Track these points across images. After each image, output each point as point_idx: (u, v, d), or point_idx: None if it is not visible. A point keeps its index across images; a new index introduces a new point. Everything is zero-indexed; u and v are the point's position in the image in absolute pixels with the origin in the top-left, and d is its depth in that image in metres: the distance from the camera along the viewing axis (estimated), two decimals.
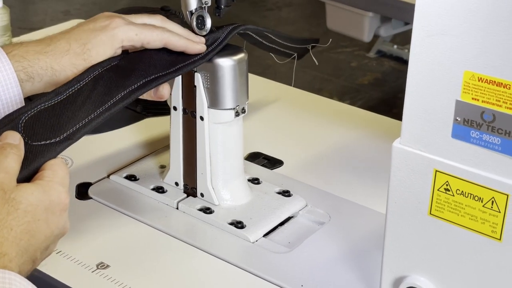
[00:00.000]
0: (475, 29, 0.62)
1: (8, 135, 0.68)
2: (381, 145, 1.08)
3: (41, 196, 0.64)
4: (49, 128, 0.72)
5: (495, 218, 0.66)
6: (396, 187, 0.71)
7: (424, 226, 0.71)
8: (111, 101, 0.77)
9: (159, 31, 0.83)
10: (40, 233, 0.64)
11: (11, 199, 0.63)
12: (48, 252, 0.67)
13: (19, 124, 0.71)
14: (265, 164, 1.04)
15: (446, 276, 0.71)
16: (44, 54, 0.79)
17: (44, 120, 0.73)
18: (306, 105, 1.23)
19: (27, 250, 0.63)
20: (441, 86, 0.66)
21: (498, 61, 0.62)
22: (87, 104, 0.76)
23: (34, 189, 0.65)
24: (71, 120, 0.74)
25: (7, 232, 0.61)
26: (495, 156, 0.65)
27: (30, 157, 0.68)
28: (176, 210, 0.93)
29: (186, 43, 0.84)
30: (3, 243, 0.61)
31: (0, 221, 0.61)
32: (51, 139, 0.71)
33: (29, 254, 0.63)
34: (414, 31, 0.66)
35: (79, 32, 0.81)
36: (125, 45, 0.82)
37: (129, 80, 0.80)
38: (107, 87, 0.78)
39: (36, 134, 0.71)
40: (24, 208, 0.63)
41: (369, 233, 0.89)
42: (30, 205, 0.63)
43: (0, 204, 0.62)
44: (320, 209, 0.94)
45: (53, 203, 0.65)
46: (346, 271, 0.83)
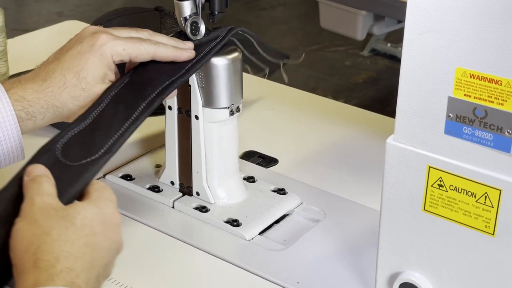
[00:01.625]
0: (466, 26, 0.63)
1: (33, 169, 0.67)
2: (376, 143, 1.08)
3: (94, 210, 0.64)
4: (86, 149, 0.73)
5: (488, 213, 0.67)
6: (390, 183, 0.72)
7: (418, 222, 0.71)
8: (135, 113, 0.77)
9: (146, 44, 0.82)
10: (100, 247, 0.63)
11: (66, 214, 0.62)
12: (107, 272, 0.65)
13: (56, 151, 0.72)
14: (260, 163, 1.04)
15: (440, 272, 0.71)
16: (43, 93, 0.77)
17: (78, 144, 0.73)
18: (300, 104, 1.23)
19: (92, 265, 0.61)
20: (433, 83, 0.66)
21: (489, 58, 0.63)
22: (114, 121, 0.77)
23: (86, 205, 0.65)
24: (104, 138, 0.75)
25: (70, 247, 0.60)
26: (487, 151, 0.65)
27: (76, 176, 0.69)
28: (172, 209, 0.94)
29: (174, 52, 0.83)
30: (68, 257, 0.59)
31: (60, 236, 0.60)
32: (91, 157, 0.72)
33: (94, 270, 0.61)
34: (406, 28, 0.66)
35: (70, 59, 0.79)
36: (115, 60, 0.80)
37: (146, 91, 0.80)
38: (128, 103, 0.79)
39: (75, 156, 0.72)
40: (81, 222, 0.62)
41: (364, 230, 0.90)
42: (86, 218, 0.63)
43: (57, 220, 0.61)
44: (315, 207, 0.94)
45: (107, 217, 0.64)
46: (342, 268, 0.84)
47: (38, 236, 0.60)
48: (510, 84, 0.62)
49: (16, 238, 0.61)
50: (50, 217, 0.62)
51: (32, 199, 0.63)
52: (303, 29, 3.53)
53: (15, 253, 0.61)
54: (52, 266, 0.59)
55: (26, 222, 0.61)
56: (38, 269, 0.58)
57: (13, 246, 0.61)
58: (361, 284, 0.81)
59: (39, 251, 0.59)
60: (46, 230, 0.61)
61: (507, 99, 0.63)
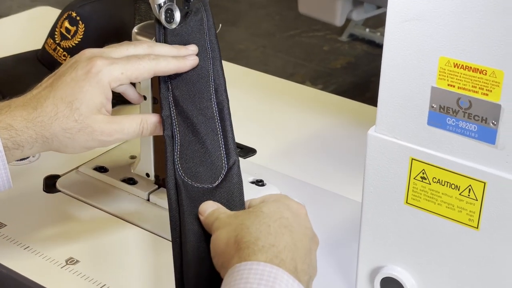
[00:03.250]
0: (450, 14, 0.61)
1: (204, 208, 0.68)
2: (355, 132, 1.07)
3: (276, 203, 0.65)
4: (206, 167, 0.74)
5: (472, 206, 0.65)
6: (371, 176, 0.70)
7: (400, 215, 0.69)
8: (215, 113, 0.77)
9: (145, 62, 0.76)
10: (296, 229, 0.63)
11: (252, 209, 0.64)
12: (314, 263, 0.64)
13: (187, 184, 0.72)
14: (238, 153, 1.02)
15: (423, 266, 0.70)
16: (32, 122, 0.72)
17: (193, 163, 0.74)
18: (279, 92, 1.21)
19: (295, 245, 0.61)
20: (416, 72, 0.64)
21: (473, 47, 0.61)
22: (201, 128, 0.76)
23: (266, 202, 0.66)
24: (210, 148, 0.75)
25: (267, 227, 0.61)
26: (471, 143, 0.64)
27: (228, 195, 0.71)
28: (147, 202, 0.91)
29: (177, 64, 0.78)
30: (268, 236, 0.60)
31: (254, 222, 0.62)
32: (222, 173, 0.73)
33: (299, 251, 0.61)
34: (389, 16, 0.65)
35: (63, 87, 0.73)
36: (113, 86, 0.75)
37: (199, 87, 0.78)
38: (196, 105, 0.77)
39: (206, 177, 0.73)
40: (269, 210, 0.64)
41: (344, 222, 0.88)
42: (271, 207, 0.64)
43: (246, 214, 0.64)
44: (294, 198, 0.92)
45: (292, 207, 0.65)
46: (322, 261, 0.81)
47: (234, 229, 0.62)
48: (495, 74, 0.61)
49: (215, 244, 0.63)
50: (239, 215, 0.64)
51: (218, 217, 0.65)
52: (281, 14, 3.51)
53: (218, 254, 0.62)
54: (253, 243, 0.59)
55: (220, 230, 0.63)
56: (240, 250, 0.59)
57: (215, 251, 0.63)
58: (341, 278, 0.80)
59: (239, 237, 0.61)
60: (240, 222, 0.62)
61: (492, 89, 0.61)
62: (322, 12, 2.04)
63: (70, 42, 1.10)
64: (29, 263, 0.81)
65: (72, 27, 1.10)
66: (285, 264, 0.58)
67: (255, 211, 0.64)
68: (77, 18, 1.10)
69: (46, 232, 0.86)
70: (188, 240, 0.67)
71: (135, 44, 0.79)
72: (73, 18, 1.10)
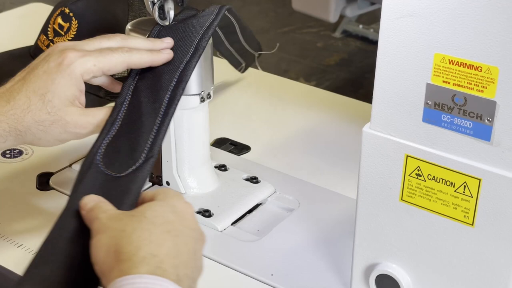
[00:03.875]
0: (445, 10, 0.61)
1: (85, 201, 0.65)
2: (349, 129, 1.06)
3: (161, 204, 0.63)
4: (127, 155, 0.71)
5: (467, 203, 0.65)
6: (366, 173, 0.70)
7: (395, 212, 0.69)
8: (162, 106, 0.75)
9: (118, 54, 0.76)
10: (180, 233, 0.61)
11: (135, 212, 0.62)
12: (198, 264, 0.62)
13: (98, 164, 0.71)
14: (232, 150, 1.02)
15: (418, 263, 0.70)
16: (5, 115, 0.72)
17: (117, 151, 0.72)
18: (272, 88, 1.21)
19: (177, 251, 0.59)
20: (411, 69, 0.64)
21: (468, 43, 0.61)
22: (145, 119, 0.74)
23: (152, 203, 0.63)
24: (141, 140, 0.73)
25: (148, 235, 0.58)
26: (466, 140, 0.64)
27: (127, 187, 0.68)
28: None
29: (151, 58, 0.78)
30: (149, 245, 0.58)
31: (136, 229, 0.59)
32: (135, 164, 0.70)
33: (181, 257, 0.59)
34: (383, 12, 0.64)
35: (35, 80, 0.73)
36: (86, 79, 0.75)
37: (164, 79, 0.77)
38: (150, 96, 0.76)
39: (119, 166, 0.70)
40: (152, 214, 0.61)
41: (339, 219, 0.88)
42: (155, 211, 0.61)
43: (128, 219, 0.60)
44: (289, 196, 0.92)
45: (177, 207, 0.63)
46: (317, 259, 0.82)
47: (114, 236, 0.59)
48: (490, 71, 0.60)
49: (96, 251, 0.60)
50: (121, 219, 0.61)
51: (98, 218, 0.62)
52: (275, 10, 3.50)
53: (98, 263, 0.59)
54: (134, 254, 0.57)
55: (100, 234, 0.60)
56: (121, 261, 0.57)
57: (95, 258, 0.59)
58: (336, 275, 0.80)
59: (119, 247, 0.58)
60: (120, 228, 0.59)
61: (487, 85, 0.61)
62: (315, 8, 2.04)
63: (63, 39, 1.09)
64: (22, 261, 0.80)
65: (65, 23, 1.10)
66: (167, 274, 0.57)
67: (137, 216, 0.61)
68: (70, 15, 1.09)
69: (38, 230, 0.85)
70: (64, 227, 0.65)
71: (109, 37, 0.79)
72: (66, 14, 1.10)
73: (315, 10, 2.05)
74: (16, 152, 1.00)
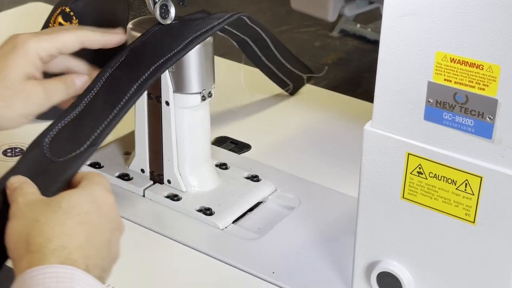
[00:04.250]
0: (446, 9, 0.61)
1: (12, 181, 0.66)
2: (351, 127, 1.07)
3: (80, 193, 0.63)
4: (73, 142, 0.72)
5: (468, 201, 0.65)
6: (368, 171, 0.70)
7: (396, 210, 0.70)
8: (125, 98, 0.76)
9: (71, 30, 0.79)
10: (94, 224, 0.61)
11: (51, 201, 0.62)
12: (114, 253, 0.63)
13: (44, 146, 0.71)
14: (233, 149, 1.02)
15: (419, 260, 0.70)
16: None
17: (66, 137, 0.72)
18: (272, 87, 1.21)
19: (89, 242, 0.60)
20: (413, 67, 0.64)
21: (470, 42, 0.61)
22: (104, 108, 0.75)
23: (72, 191, 0.64)
24: (90, 129, 0.73)
25: (60, 227, 0.59)
26: (468, 138, 0.64)
27: (58, 173, 0.68)
28: (143, 198, 0.91)
29: (103, 37, 0.81)
30: (60, 237, 0.59)
31: (49, 219, 0.60)
32: (76, 151, 0.71)
33: (92, 248, 0.60)
34: (385, 11, 0.64)
35: None
36: (42, 56, 0.77)
37: (138, 71, 0.78)
38: (120, 86, 0.77)
39: (61, 151, 0.71)
40: (68, 204, 0.61)
41: (340, 218, 0.88)
42: (72, 200, 0.62)
43: (43, 208, 0.61)
44: (289, 194, 0.92)
45: (97, 197, 0.63)
46: (318, 257, 0.82)
47: (27, 224, 0.60)
48: (492, 69, 0.61)
49: (8, 236, 0.61)
50: (36, 207, 0.62)
51: (17, 201, 0.63)
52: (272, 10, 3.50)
53: (9, 248, 0.60)
54: (44, 246, 0.58)
55: (15, 219, 0.62)
56: (30, 252, 0.58)
57: (8, 243, 0.61)
58: (338, 273, 0.80)
59: (30, 237, 0.59)
60: (34, 217, 0.60)
61: (489, 84, 0.61)
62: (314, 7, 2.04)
63: None
64: None
65: (65, 22, 1.10)
66: (77, 263, 0.58)
67: (53, 205, 0.62)
68: (70, 14, 1.09)
69: None
70: None
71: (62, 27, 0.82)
72: (67, 13, 1.09)
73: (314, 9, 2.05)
74: (17, 150, 1.00)
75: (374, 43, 3.06)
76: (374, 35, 3.06)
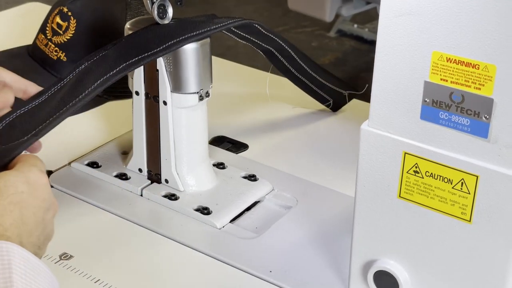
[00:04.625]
0: (442, 9, 0.61)
1: None
2: (347, 127, 1.07)
3: (16, 174, 0.65)
4: (23, 131, 0.73)
5: (464, 199, 0.66)
6: (364, 170, 0.70)
7: (393, 209, 0.70)
8: (84, 92, 0.75)
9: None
10: (28, 204, 0.64)
11: None
12: (47, 232, 0.66)
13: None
14: (230, 148, 1.02)
15: (416, 259, 0.70)
16: None
17: (20, 125, 0.73)
18: (270, 87, 1.21)
19: (23, 221, 0.63)
20: (409, 67, 0.65)
21: (466, 41, 0.61)
22: (64, 99, 0.75)
23: (7, 172, 0.66)
24: (43, 118, 0.73)
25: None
26: (464, 137, 0.64)
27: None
28: (140, 197, 0.91)
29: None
30: None
31: None
32: (19, 139, 0.72)
33: (26, 227, 0.63)
34: (382, 11, 0.65)
35: None
36: None
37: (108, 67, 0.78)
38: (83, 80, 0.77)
39: (9, 138, 0.72)
40: (4, 184, 0.64)
41: (337, 217, 0.88)
42: (8, 181, 0.64)
43: None
44: (287, 193, 0.93)
45: (31, 178, 0.66)
46: (315, 256, 0.82)
47: None
48: (488, 68, 0.61)
49: None
50: None
51: None
52: (269, 10, 3.50)
53: None
54: None
55: None
56: None
57: None
58: (335, 272, 0.80)
59: None
60: None
61: (484, 83, 0.62)
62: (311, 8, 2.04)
63: (62, 38, 1.10)
64: None
65: (63, 22, 1.10)
66: (11, 240, 0.61)
67: None
68: (68, 14, 1.10)
69: None
70: None
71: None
72: (65, 13, 1.10)
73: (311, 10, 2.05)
74: None
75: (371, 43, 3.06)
76: (371, 35, 3.06)
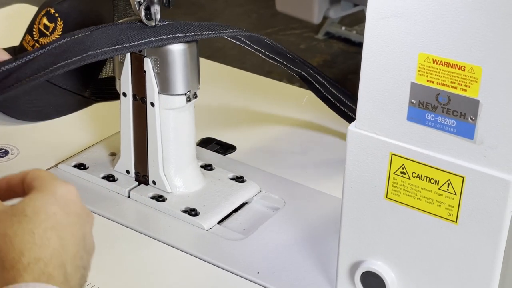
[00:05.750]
0: (429, 10, 0.62)
1: None
2: (335, 129, 1.07)
3: (42, 195, 0.59)
4: None
5: (451, 200, 0.66)
6: (352, 171, 0.71)
7: (380, 210, 0.70)
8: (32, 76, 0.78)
9: None
10: (64, 225, 0.58)
11: (15, 209, 0.58)
12: (89, 245, 0.60)
13: None
14: (218, 150, 1.02)
15: (402, 260, 0.71)
16: None
17: None
18: (257, 89, 1.21)
19: (63, 246, 0.57)
20: (396, 68, 0.65)
21: (452, 43, 0.62)
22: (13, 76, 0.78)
23: (32, 195, 0.59)
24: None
25: (30, 237, 0.56)
26: (450, 138, 0.65)
27: None
28: (128, 199, 0.91)
29: None
30: (32, 248, 0.55)
31: (17, 231, 0.56)
32: None
33: (68, 251, 0.57)
34: (368, 13, 0.65)
35: None
36: None
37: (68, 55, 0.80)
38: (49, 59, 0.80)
39: None
40: (32, 211, 0.57)
41: (324, 218, 0.88)
42: (36, 206, 0.58)
43: (8, 219, 0.57)
44: (274, 195, 0.93)
45: (58, 194, 0.59)
46: (302, 257, 0.82)
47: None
48: (474, 70, 0.61)
49: None
50: (1, 220, 0.58)
51: None
52: (258, 12, 3.51)
53: None
54: (17, 261, 0.55)
55: None
56: (5, 270, 0.54)
57: None
58: (322, 273, 0.80)
59: (2, 253, 0.55)
60: (2, 232, 0.57)
61: (470, 84, 0.62)
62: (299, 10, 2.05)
63: (49, 39, 1.09)
64: None
65: (50, 23, 1.10)
66: (54, 278, 0.55)
67: (18, 215, 0.57)
68: (55, 15, 1.09)
69: None
70: None
71: None
72: (52, 14, 1.09)
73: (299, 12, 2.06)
74: (1, 152, 1.00)
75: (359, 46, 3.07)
76: (359, 38, 3.07)
